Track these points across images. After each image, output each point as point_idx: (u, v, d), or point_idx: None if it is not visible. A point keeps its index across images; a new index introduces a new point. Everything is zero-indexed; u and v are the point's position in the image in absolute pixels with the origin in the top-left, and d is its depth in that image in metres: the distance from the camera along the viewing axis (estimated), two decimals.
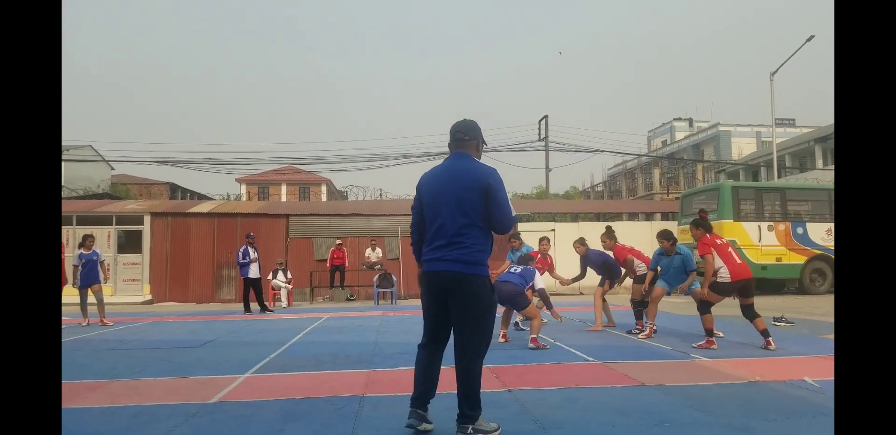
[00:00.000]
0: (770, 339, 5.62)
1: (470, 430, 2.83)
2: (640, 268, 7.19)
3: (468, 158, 3.01)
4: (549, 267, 8.11)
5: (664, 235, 6.88)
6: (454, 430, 2.89)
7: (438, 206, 2.90)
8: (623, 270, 7.56)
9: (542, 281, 6.33)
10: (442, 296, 2.90)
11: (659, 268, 6.96)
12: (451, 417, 2.93)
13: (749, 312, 5.77)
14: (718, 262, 5.73)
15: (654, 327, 6.75)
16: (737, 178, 31.33)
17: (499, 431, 2.93)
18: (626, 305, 8.02)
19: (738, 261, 5.78)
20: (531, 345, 5.76)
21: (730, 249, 5.87)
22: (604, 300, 7.80)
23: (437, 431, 2.97)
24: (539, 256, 7.90)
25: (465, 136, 3.05)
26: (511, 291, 5.94)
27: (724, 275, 5.70)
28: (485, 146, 3.19)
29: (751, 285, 5.79)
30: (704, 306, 5.89)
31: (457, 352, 2.89)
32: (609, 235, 7.48)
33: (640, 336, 6.65)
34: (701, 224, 6.02)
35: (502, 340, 6.27)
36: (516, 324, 7.43)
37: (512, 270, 6.34)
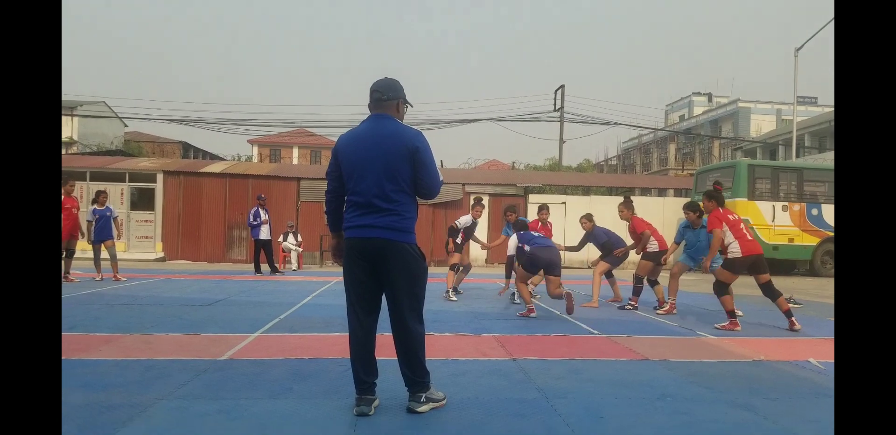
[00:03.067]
0: (793, 319, 5.57)
1: (423, 398, 2.81)
2: (653, 245, 7.12)
3: (391, 120, 2.81)
4: (547, 235, 7.90)
5: (690, 207, 6.70)
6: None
7: (363, 171, 2.72)
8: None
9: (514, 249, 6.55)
10: (371, 264, 2.75)
11: (684, 241, 6.89)
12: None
13: (770, 291, 5.68)
14: (730, 237, 5.65)
15: (674, 303, 6.73)
16: (754, 157, 30.87)
17: (445, 401, 2.91)
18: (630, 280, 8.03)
19: (749, 237, 5.71)
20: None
21: (742, 225, 5.77)
22: (611, 275, 7.81)
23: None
24: (539, 224, 7.91)
25: (384, 96, 2.83)
26: (557, 255, 6.20)
27: (735, 250, 5.62)
28: (409, 107, 2.98)
29: (761, 261, 5.71)
30: (721, 288, 5.77)
31: (396, 320, 2.79)
32: (627, 205, 7.36)
33: (659, 312, 6.65)
34: (714, 196, 5.90)
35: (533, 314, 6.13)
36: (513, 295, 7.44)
37: (536, 235, 6.51)
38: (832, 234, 13.70)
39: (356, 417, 2.73)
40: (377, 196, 2.71)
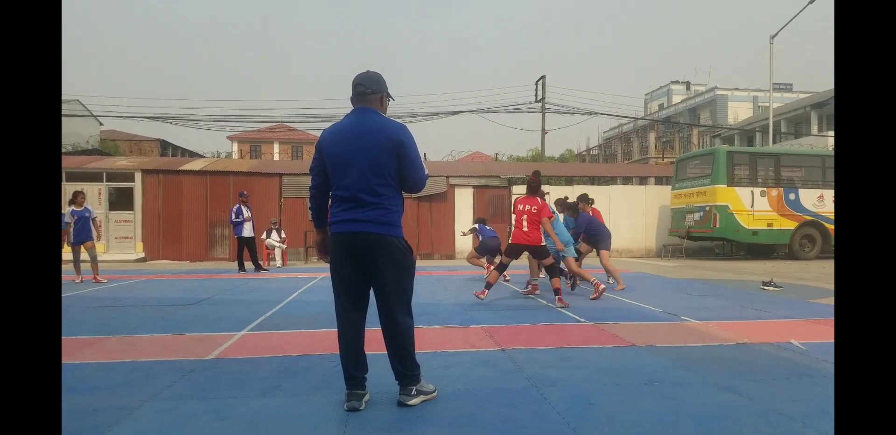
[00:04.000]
0: (560, 297, 6.26)
1: (414, 391, 2.82)
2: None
3: (375, 114, 2.80)
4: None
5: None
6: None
7: (348, 165, 2.70)
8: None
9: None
10: (359, 259, 2.74)
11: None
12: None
13: (550, 271, 6.51)
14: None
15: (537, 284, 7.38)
16: (732, 143, 31.25)
17: (436, 393, 2.93)
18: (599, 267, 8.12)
19: (525, 228, 6.36)
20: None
21: (524, 216, 6.38)
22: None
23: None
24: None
25: (368, 90, 2.81)
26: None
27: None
28: (391, 100, 2.98)
29: (533, 250, 6.50)
30: (499, 266, 6.69)
31: (385, 315, 2.79)
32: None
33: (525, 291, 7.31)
34: (528, 184, 6.52)
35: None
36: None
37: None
38: (809, 217, 13.95)
39: (347, 412, 2.72)
40: (363, 190, 2.69)
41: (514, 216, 6.55)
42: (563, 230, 7.19)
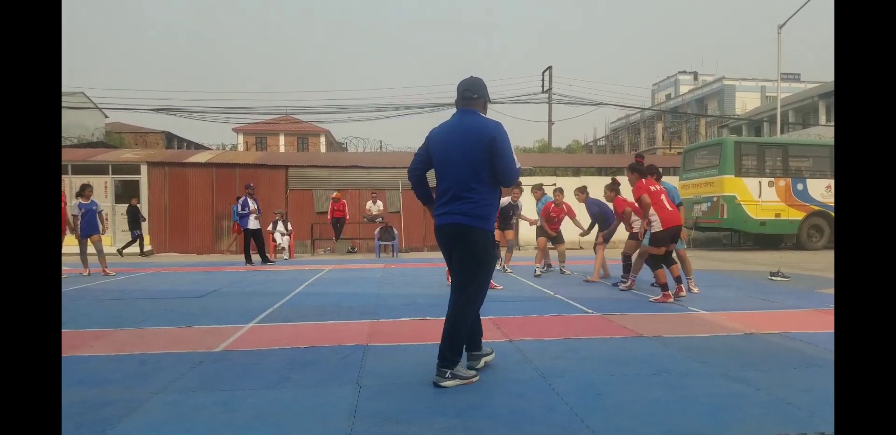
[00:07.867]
0: (681, 285, 5.96)
1: (448, 374, 2.96)
2: (636, 223, 7.14)
3: (476, 115, 3.09)
4: (566, 215, 8.69)
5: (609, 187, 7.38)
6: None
7: (447, 163, 3.01)
8: (615, 223, 7.77)
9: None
10: (448, 247, 3.08)
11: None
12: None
13: (666, 259, 6.02)
14: (651, 210, 5.88)
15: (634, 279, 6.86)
16: (739, 134, 31.03)
17: (476, 377, 3.06)
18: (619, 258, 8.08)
19: (670, 208, 5.95)
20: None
21: (663, 196, 6.00)
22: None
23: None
24: (553, 205, 8.56)
25: (474, 95, 3.12)
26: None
27: (656, 223, 5.86)
28: (488, 102, 3.28)
29: (679, 233, 6.07)
30: (653, 261, 5.98)
31: (453, 299, 3.06)
32: (612, 187, 7.46)
33: (621, 287, 6.78)
34: (636, 168, 6.19)
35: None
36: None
37: None
38: (817, 208, 13.85)
39: (355, 404, 2.73)
40: (459, 185, 2.98)
41: (643, 195, 5.92)
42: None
